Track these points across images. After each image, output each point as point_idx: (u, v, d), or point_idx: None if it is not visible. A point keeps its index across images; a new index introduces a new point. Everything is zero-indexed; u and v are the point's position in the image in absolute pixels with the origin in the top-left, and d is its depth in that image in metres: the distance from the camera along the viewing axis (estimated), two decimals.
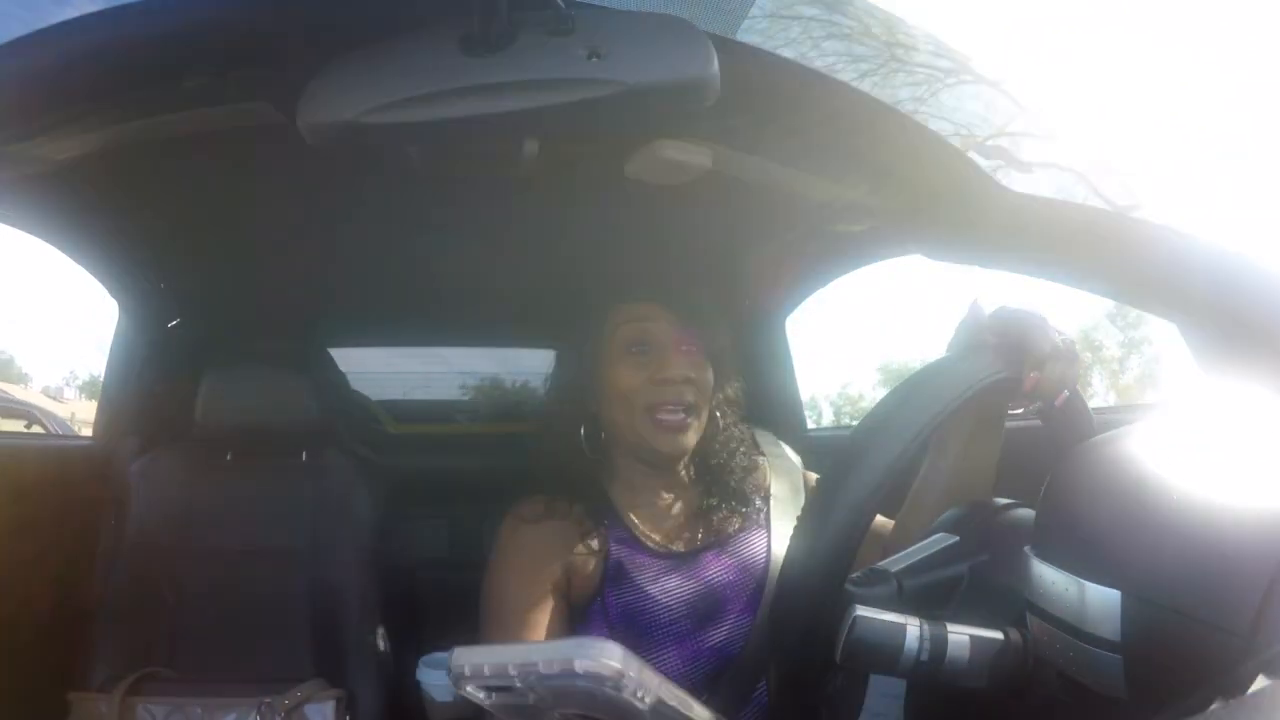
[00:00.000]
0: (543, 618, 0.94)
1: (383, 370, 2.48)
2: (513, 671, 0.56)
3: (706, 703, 0.93)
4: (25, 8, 0.59)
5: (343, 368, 2.02)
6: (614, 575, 0.96)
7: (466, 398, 2.53)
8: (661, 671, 0.94)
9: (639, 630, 0.95)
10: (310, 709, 1.21)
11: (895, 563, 0.60)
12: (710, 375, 1.01)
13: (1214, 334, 0.76)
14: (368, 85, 0.57)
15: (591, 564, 0.97)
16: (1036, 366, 0.68)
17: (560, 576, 0.96)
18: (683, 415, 0.98)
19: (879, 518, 0.90)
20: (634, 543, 0.99)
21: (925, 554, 0.61)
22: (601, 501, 1.01)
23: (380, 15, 0.61)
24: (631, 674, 0.56)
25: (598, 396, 1.01)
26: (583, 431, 1.02)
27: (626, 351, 0.99)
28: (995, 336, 0.68)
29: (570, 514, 0.99)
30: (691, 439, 1.00)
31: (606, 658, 0.56)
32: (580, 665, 0.56)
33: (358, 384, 2.09)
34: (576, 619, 0.97)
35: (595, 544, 0.97)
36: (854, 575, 0.58)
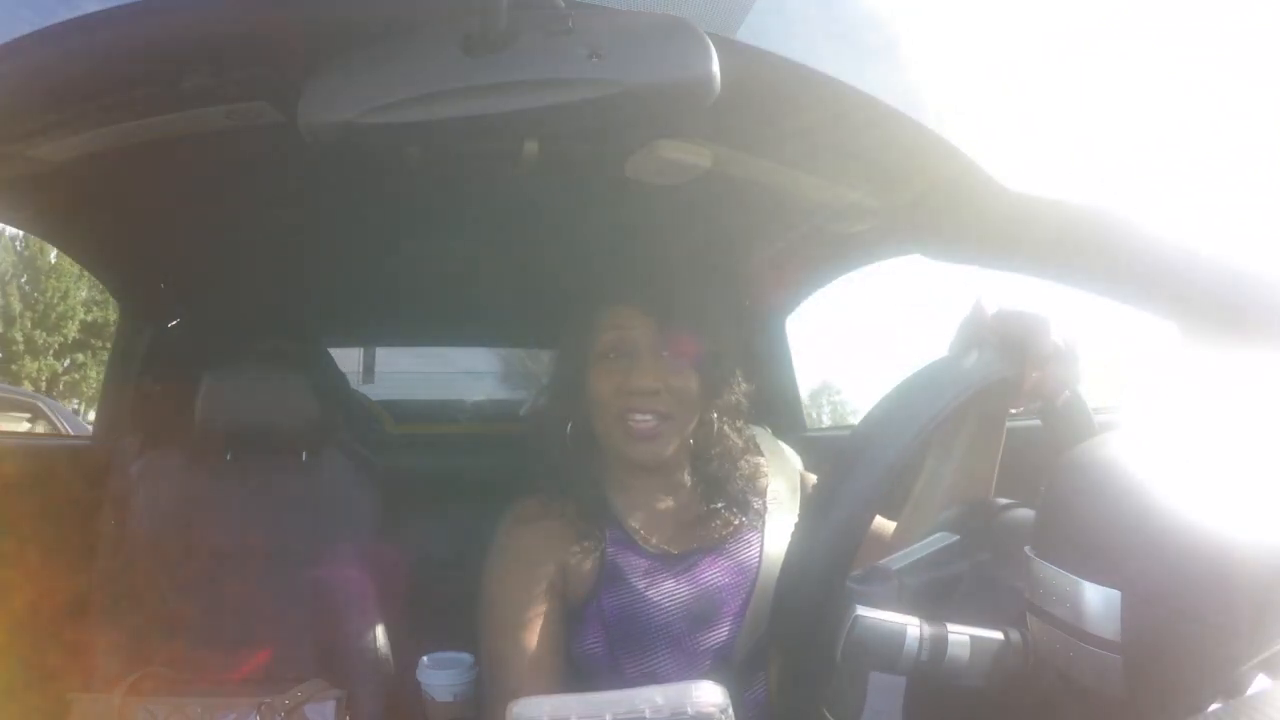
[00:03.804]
0: (539, 618, 0.94)
1: (382, 370, 2.49)
2: (609, 719, 0.57)
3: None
4: (29, 7, 0.60)
5: (342, 368, 2.02)
6: (610, 577, 0.96)
7: (466, 397, 2.53)
8: (656, 675, 0.94)
9: (635, 632, 0.95)
10: (310, 709, 1.21)
11: (896, 560, 0.60)
12: (693, 382, 0.99)
13: (1213, 333, 0.76)
14: (368, 85, 0.57)
15: (588, 565, 0.97)
16: (1038, 367, 0.68)
17: (556, 577, 0.96)
18: (654, 423, 0.97)
19: (879, 519, 0.90)
20: (630, 544, 0.99)
21: (926, 552, 0.61)
22: (599, 502, 1.00)
23: (380, 15, 0.61)
24: (730, 709, 0.59)
25: (582, 398, 1.01)
26: (569, 429, 1.01)
27: (603, 357, 0.99)
28: (997, 335, 0.68)
29: (567, 514, 0.99)
30: (666, 447, 0.99)
31: (711, 696, 0.59)
32: (692, 708, 0.58)
33: (357, 384, 2.09)
34: (573, 620, 0.97)
35: (591, 545, 0.97)
36: (854, 573, 0.58)
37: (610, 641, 0.95)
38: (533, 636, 0.93)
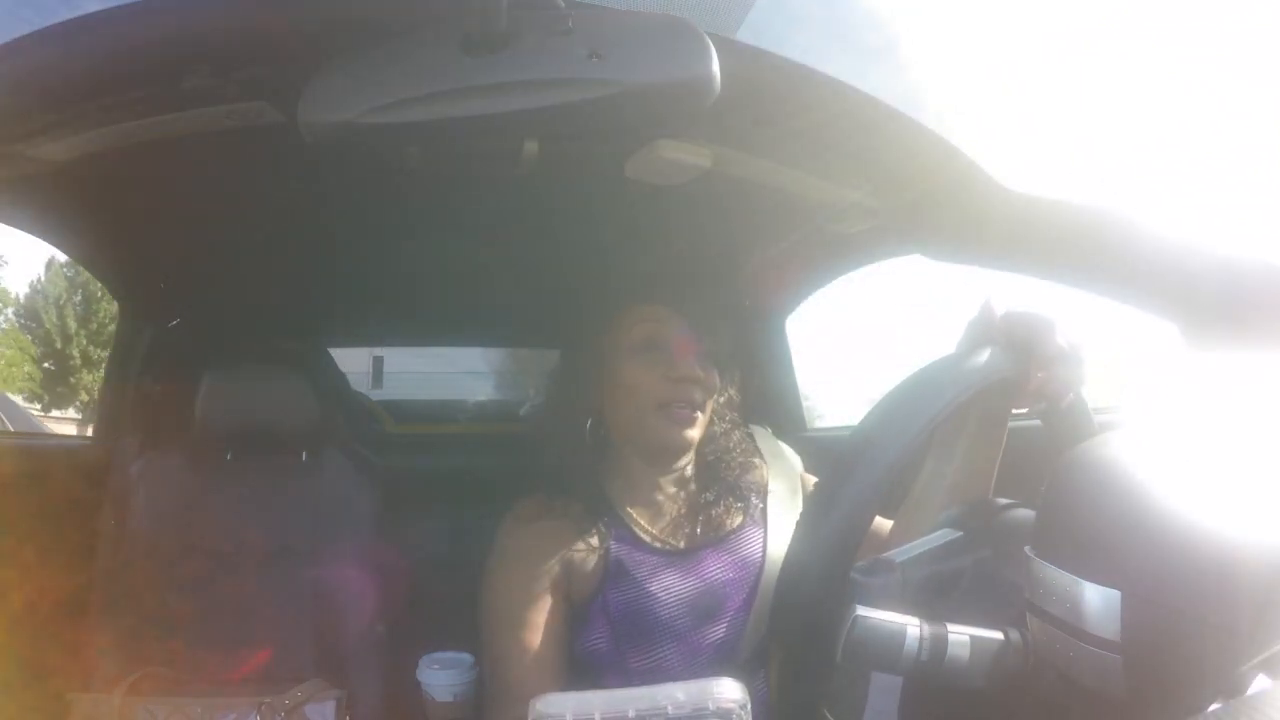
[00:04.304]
0: (543, 617, 0.94)
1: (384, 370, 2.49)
2: (632, 715, 0.58)
3: None
4: (29, 7, 0.60)
5: (343, 367, 2.02)
6: (614, 573, 0.97)
7: (466, 397, 2.54)
8: (661, 669, 0.95)
9: (640, 628, 0.95)
10: (310, 709, 1.21)
11: (900, 554, 0.60)
12: (715, 376, 1.03)
13: (1213, 333, 0.76)
14: (368, 85, 0.57)
15: (591, 562, 0.97)
16: (1043, 368, 0.68)
17: (560, 575, 0.96)
18: (689, 410, 1.00)
19: (877, 519, 0.90)
20: (634, 540, 0.99)
21: (929, 546, 0.61)
22: (600, 500, 1.01)
23: (380, 15, 0.61)
24: (749, 705, 0.60)
25: (602, 393, 1.02)
26: (588, 425, 1.02)
27: (638, 350, 1.00)
28: (1003, 336, 0.68)
29: (569, 512, 0.99)
30: (697, 433, 1.02)
31: (731, 693, 0.60)
32: (714, 704, 0.59)
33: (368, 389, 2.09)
34: (577, 618, 0.97)
35: (595, 542, 0.98)
36: (859, 564, 0.58)
37: (616, 637, 0.95)
38: (536, 636, 0.93)
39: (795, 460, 1.15)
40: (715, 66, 0.56)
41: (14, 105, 0.66)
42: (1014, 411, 0.79)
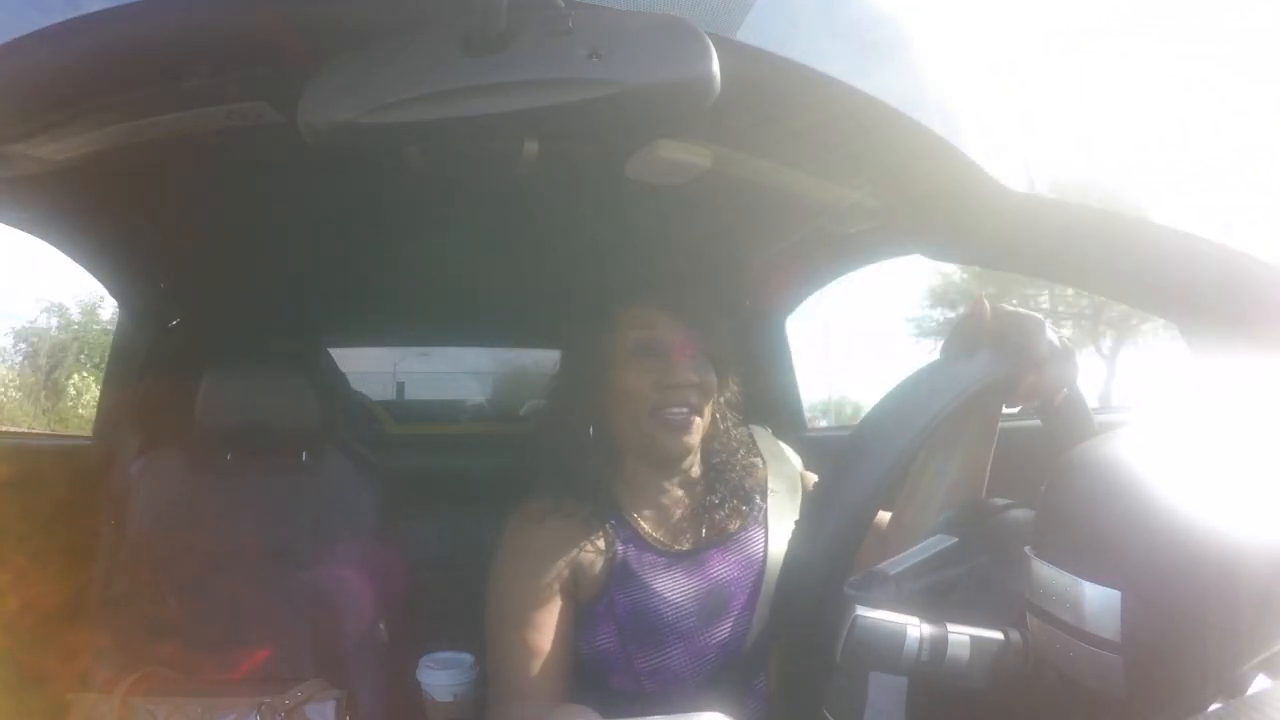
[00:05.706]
0: (549, 618, 0.94)
1: (382, 370, 2.49)
2: None
3: (710, 696, 0.94)
4: (30, 6, 0.59)
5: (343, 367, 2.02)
6: (621, 575, 0.97)
7: (466, 398, 2.54)
8: (668, 669, 0.95)
9: (646, 629, 0.95)
10: (310, 709, 1.21)
11: (894, 565, 0.60)
12: (713, 377, 1.02)
13: (1214, 333, 0.76)
14: (368, 85, 0.57)
15: (598, 564, 0.97)
16: (1035, 369, 0.68)
17: (567, 576, 0.96)
18: (688, 414, 1.00)
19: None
20: (640, 542, 0.99)
21: (924, 556, 0.61)
22: (606, 501, 1.01)
23: (380, 15, 0.61)
24: None
25: (604, 397, 1.02)
26: (592, 431, 1.02)
27: (634, 355, 1.00)
28: (995, 336, 0.68)
29: (576, 513, 0.99)
30: (696, 437, 1.01)
31: None
32: None
33: (357, 384, 2.09)
34: (583, 618, 0.97)
35: (602, 543, 0.98)
36: (852, 579, 0.58)
37: (623, 638, 0.96)
38: (541, 635, 0.93)
39: (795, 459, 1.15)
40: (715, 66, 0.56)
41: (14, 105, 0.66)
42: (1009, 410, 0.80)
